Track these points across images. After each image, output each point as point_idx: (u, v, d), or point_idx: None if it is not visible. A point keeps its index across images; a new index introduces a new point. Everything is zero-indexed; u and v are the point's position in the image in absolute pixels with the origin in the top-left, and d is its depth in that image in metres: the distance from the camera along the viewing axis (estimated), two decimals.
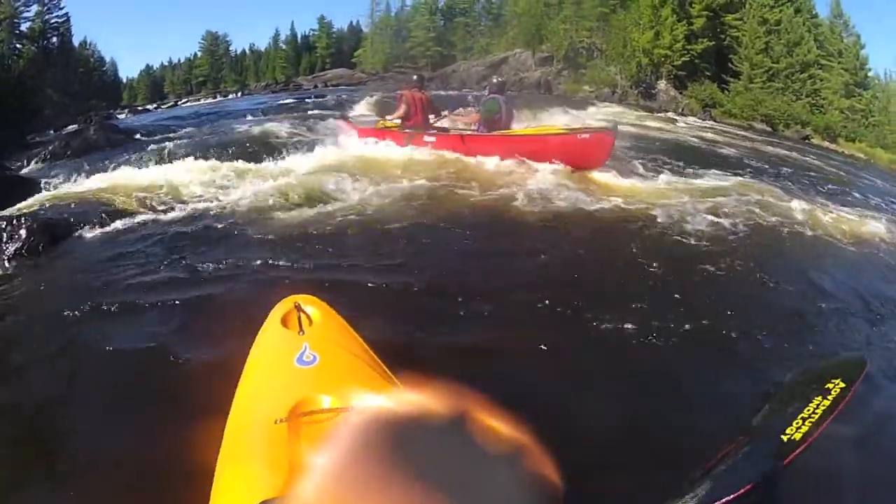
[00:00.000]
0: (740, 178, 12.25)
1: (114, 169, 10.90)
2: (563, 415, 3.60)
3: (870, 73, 45.29)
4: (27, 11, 57.17)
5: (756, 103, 43.05)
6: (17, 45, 54.42)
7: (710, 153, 18.91)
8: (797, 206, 9.67)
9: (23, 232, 6.92)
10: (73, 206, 8.28)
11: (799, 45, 44.04)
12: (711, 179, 11.54)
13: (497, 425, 1.42)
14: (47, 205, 8.53)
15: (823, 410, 2.19)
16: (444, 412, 1.40)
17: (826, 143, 39.33)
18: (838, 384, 2.29)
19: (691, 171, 12.69)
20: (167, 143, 14.45)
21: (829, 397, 2.23)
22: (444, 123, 13.03)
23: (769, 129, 40.73)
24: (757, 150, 22.30)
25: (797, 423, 2.11)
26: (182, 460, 2.74)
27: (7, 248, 6.81)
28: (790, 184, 13.61)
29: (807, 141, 38.47)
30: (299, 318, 2.93)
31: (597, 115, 27.59)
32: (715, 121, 40.01)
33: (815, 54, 44.01)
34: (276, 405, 2.18)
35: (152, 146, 14.56)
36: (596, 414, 3.63)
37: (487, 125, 11.59)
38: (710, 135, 26.82)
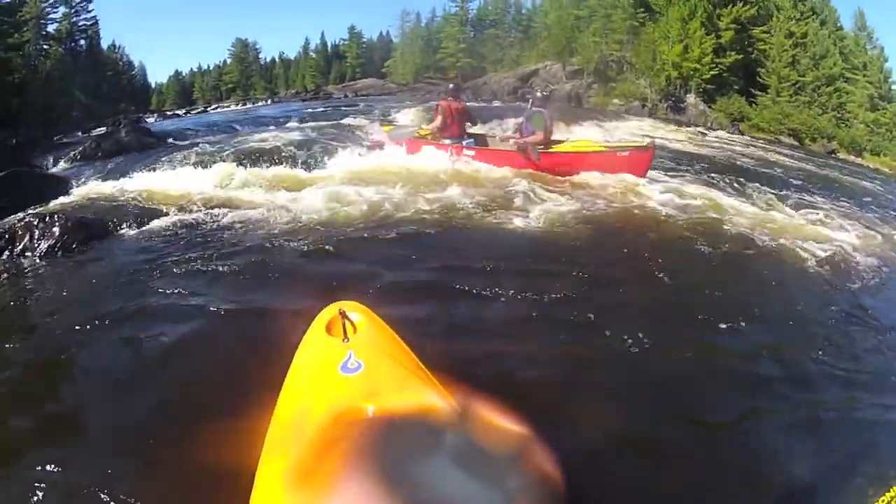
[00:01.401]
0: (785, 194, 12.45)
1: (148, 171, 11.19)
2: (596, 422, 3.63)
3: (893, 87, 44.68)
4: (54, 13, 57.58)
5: (783, 117, 42.58)
6: (44, 46, 54.73)
7: (749, 169, 18.55)
8: (844, 228, 9.68)
9: (56, 230, 6.94)
10: (107, 206, 8.37)
11: (825, 59, 43.64)
12: (750, 195, 11.55)
13: (523, 434, 1.47)
14: (81, 204, 8.60)
15: None
16: (482, 424, 1.45)
17: (852, 158, 38.80)
18: None
19: (732, 185, 12.66)
20: (202, 148, 14.52)
21: None
22: (483, 132, 13.18)
23: (796, 143, 40.21)
24: (796, 168, 22.04)
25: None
26: (222, 465, 2.80)
27: (40, 244, 6.83)
28: (836, 204, 13.36)
29: (833, 155, 37.96)
30: (344, 326, 2.92)
31: (631, 129, 27.37)
32: (743, 135, 39.67)
33: (840, 67, 43.62)
34: (320, 412, 2.18)
35: (186, 150, 14.43)
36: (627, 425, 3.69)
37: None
38: (742, 149, 26.64)
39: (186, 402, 3.81)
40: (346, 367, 2.49)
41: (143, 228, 7.50)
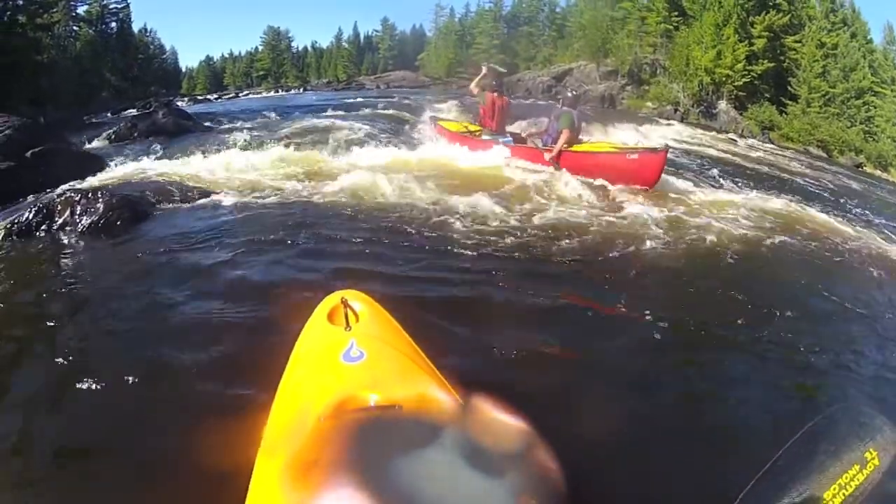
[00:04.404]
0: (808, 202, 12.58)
1: (187, 154, 11.31)
2: (589, 418, 3.63)
3: None
4: None
5: (812, 128, 42.22)
6: (74, 28, 55.33)
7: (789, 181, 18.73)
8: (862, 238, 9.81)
9: (100, 206, 6.95)
10: (143, 186, 8.40)
11: (854, 71, 43.16)
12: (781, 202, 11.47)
13: (525, 429, 1.47)
14: (118, 182, 8.64)
15: (859, 483, 2.03)
16: (482, 415, 1.45)
17: (878, 172, 38.45)
18: (874, 458, 2.11)
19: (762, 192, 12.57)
20: (238, 133, 14.76)
21: (865, 471, 2.07)
22: (516, 130, 13.36)
23: (824, 154, 39.90)
24: (827, 180, 22.12)
25: (834, 490, 2.00)
26: (221, 453, 2.78)
27: (81, 220, 6.83)
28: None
29: (860, 169, 37.69)
30: (346, 314, 2.90)
31: (664, 134, 27.21)
32: (773, 143, 39.65)
33: (869, 81, 43.17)
34: (321, 401, 2.17)
35: (224, 134, 14.82)
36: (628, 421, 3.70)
37: (557, 137, 11.49)
38: (775, 159, 26.77)
39: (186, 388, 3.82)
40: (348, 355, 2.50)
41: (175, 211, 7.54)
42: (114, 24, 64.40)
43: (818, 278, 7.18)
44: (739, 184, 14.18)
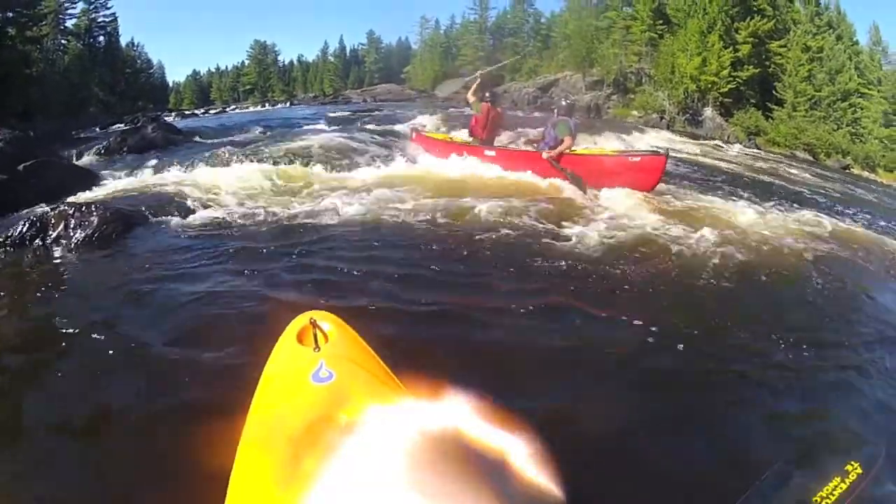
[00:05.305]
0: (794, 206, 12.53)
1: (177, 168, 11.58)
2: (571, 424, 3.66)
3: None
4: (73, 8, 58.69)
5: (799, 132, 42.39)
6: (63, 41, 55.50)
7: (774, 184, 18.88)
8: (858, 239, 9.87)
9: (94, 219, 7.00)
10: (132, 199, 8.47)
11: (840, 73, 43.47)
12: (776, 211, 11.49)
13: (506, 438, 1.52)
14: (109, 197, 8.67)
15: (840, 493, 2.10)
16: (456, 428, 1.51)
17: (865, 174, 38.69)
18: (856, 468, 2.19)
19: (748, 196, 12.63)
20: (227, 147, 14.74)
21: (847, 481, 2.14)
22: (507, 141, 13.59)
23: (811, 157, 40.09)
24: (812, 183, 22.21)
25: (816, 501, 2.07)
26: (194, 475, 2.81)
27: (75, 234, 6.89)
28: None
29: (847, 171, 37.94)
30: (315, 335, 2.90)
31: (650, 141, 27.24)
32: (759, 149, 39.77)
33: (856, 83, 43.53)
34: (291, 423, 2.20)
35: (213, 149, 14.78)
36: (606, 426, 3.69)
37: (554, 146, 11.60)
38: (760, 164, 27.02)
39: (157, 410, 3.79)
40: (317, 376, 2.51)
41: (165, 226, 7.62)
42: (101, 38, 64.51)
43: (822, 282, 7.17)
44: (731, 189, 14.30)
